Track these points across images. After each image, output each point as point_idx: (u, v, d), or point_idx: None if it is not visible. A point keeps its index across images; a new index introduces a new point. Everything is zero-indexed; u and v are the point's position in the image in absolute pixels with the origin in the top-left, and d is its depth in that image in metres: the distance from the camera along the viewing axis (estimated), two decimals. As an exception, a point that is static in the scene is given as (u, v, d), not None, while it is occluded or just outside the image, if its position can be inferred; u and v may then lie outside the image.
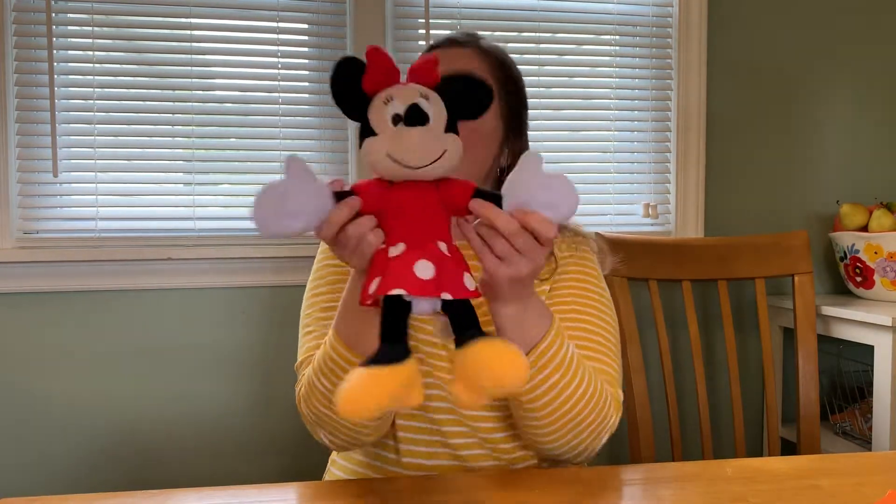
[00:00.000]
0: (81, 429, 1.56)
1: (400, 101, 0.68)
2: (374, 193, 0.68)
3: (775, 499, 0.77)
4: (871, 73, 1.86)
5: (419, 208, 0.68)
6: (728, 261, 1.54)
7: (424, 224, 0.68)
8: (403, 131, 0.66)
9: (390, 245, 0.68)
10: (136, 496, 0.78)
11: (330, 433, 0.87)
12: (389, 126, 0.67)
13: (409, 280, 0.64)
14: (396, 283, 0.64)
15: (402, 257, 0.66)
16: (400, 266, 0.65)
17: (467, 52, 1.00)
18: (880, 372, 1.48)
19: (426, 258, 0.66)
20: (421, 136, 0.67)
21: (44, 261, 1.51)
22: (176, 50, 1.57)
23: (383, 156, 0.66)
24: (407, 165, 0.66)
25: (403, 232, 0.68)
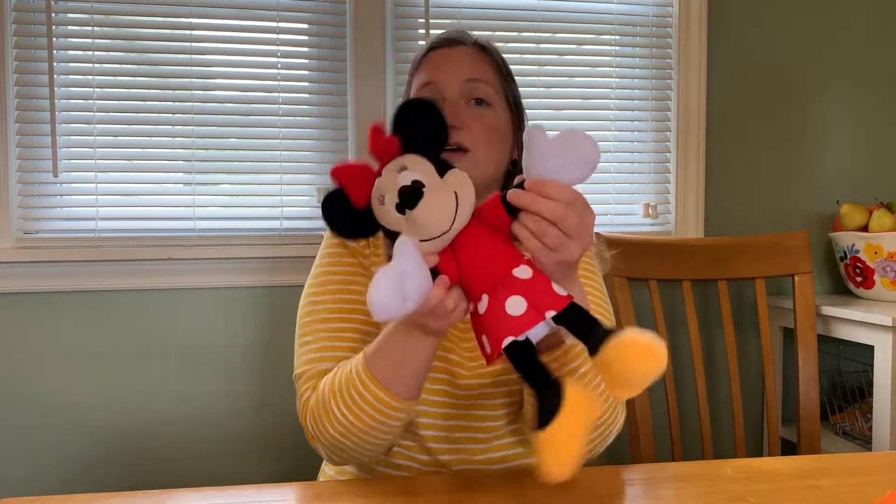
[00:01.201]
0: (82, 429, 1.56)
1: (389, 192, 0.68)
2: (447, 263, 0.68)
3: (775, 499, 0.77)
4: (871, 73, 1.86)
5: (475, 251, 0.68)
6: (728, 261, 1.54)
7: (489, 264, 0.68)
8: (411, 216, 0.67)
9: (474, 301, 0.69)
10: (136, 496, 0.78)
11: (333, 453, 0.86)
12: (400, 218, 0.67)
13: (510, 325, 0.65)
14: (503, 334, 0.65)
15: (490, 308, 0.66)
16: (495, 317, 0.66)
17: (466, 50, 1.00)
18: (880, 372, 1.48)
19: (512, 294, 0.66)
20: (427, 209, 0.67)
21: (44, 261, 1.51)
22: (176, 50, 1.57)
23: (418, 242, 0.67)
24: (437, 237, 0.67)
25: (479, 284, 0.68)
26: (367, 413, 0.80)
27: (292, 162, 1.62)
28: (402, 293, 0.64)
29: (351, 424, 0.81)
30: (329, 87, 1.63)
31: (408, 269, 0.65)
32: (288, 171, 1.62)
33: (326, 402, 0.83)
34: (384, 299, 0.64)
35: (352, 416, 0.81)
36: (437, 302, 0.67)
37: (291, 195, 1.62)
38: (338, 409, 0.81)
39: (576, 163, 0.67)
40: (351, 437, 0.82)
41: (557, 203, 0.67)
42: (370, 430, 0.81)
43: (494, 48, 1.03)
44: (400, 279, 0.64)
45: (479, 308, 0.67)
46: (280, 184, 1.62)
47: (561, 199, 0.67)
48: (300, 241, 1.61)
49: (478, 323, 0.68)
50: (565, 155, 0.66)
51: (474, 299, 0.69)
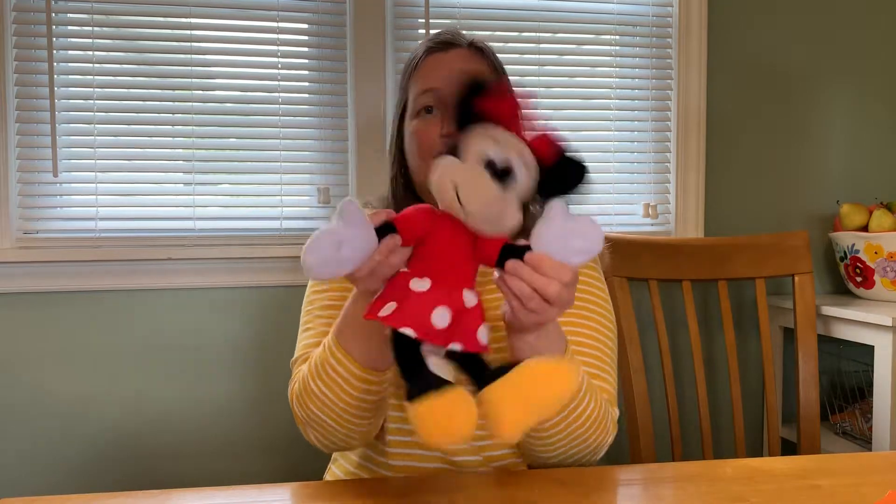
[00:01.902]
0: (81, 429, 1.56)
1: (502, 149, 0.66)
2: (417, 222, 0.67)
3: (775, 499, 0.77)
4: (871, 73, 1.86)
5: (456, 249, 0.68)
6: (728, 261, 1.54)
7: (456, 267, 0.68)
8: (483, 177, 0.65)
9: (415, 274, 0.67)
10: (136, 496, 0.78)
11: (321, 434, 0.87)
12: (475, 162, 0.66)
13: (422, 322, 0.64)
14: (409, 322, 0.64)
15: (423, 296, 0.65)
16: (419, 305, 0.65)
17: (462, 53, 1.00)
18: (880, 372, 1.48)
19: (447, 305, 0.65)
20: (493, 191, 0.66)
21: (44, 261, 1.51)
22: (176, 50, 1.57)
23: (449, 182, 0.66)
24: (464, 208, 0.66)
25: (433, 268, 0.67)
26: (342, 388, 0.81)
27: (292, 162, 1.62)
28: (339, 257, 0.64)
29: (329, 401, 0.82)
30: (329, 87, 1.63)
31: (347, 235, 0.64)
32: (288, 171, 1.62)
33: (307, 381, 0.84)
34: (317, 260, 0.64)
35: (325, 388, 0.82)
36: (376, 264, 0.67)
37: (291, 195, 1.62)
38: (316, 387, 0.82)
39: (580, 251, 0.68)
40: (331, 413, 0.83)
41: (552, 280, 0.68)
42: (347, 406, 0.82)
43: (489, 48, 1.03)
44: (336, 245, 0.63)
45: (414, 283, 0.66)
46: (280, 184, 1.62)
47: (555, 279, 0.68)
48: (300, 241, 1.59)
49: (398, 286, 0.67)
50: (574, 240, 0.68)
51: (416, 271, 0.67)
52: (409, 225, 0.67)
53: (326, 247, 0.63)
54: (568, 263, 0.68)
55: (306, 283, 1.04)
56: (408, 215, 0.68)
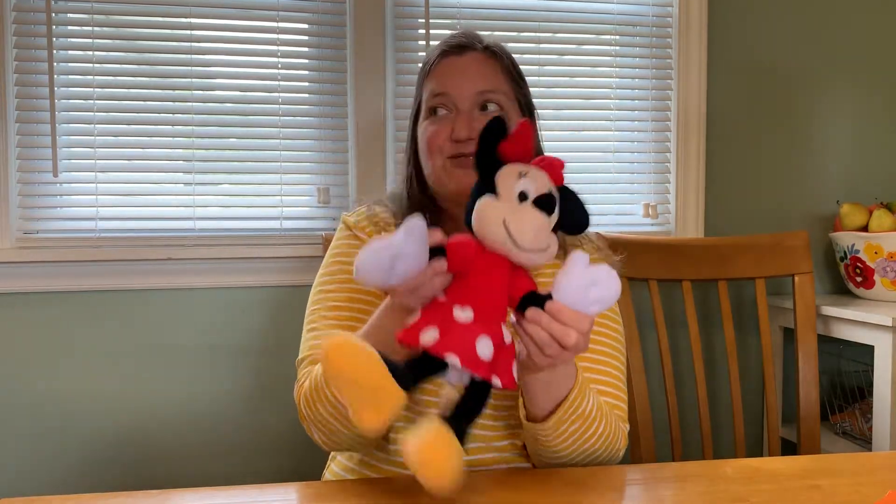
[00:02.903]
0: (81, 429, 1.56)
1: (533, 182, 0.69)
2: (464, 253, 0.69)
3: (775, 499, 0.77)
4: (871, 73, 1.86)
5: (497, 285, 0.70)
6: (728, 261, 1.54)
7: (497, 302, 0.70)
8: (529, 210, 0.68)
9: (457, 303, 0.68)
10: (135, 496, 0.78)
11: (326, 436, 0.87)
12: (514, 198, 0.68)
13: (467, 351, 0.65)
14: (454, 349, 0.65)
15: (468, 326, 0.67)
16: (464, 333, 0.66)
17: (476, 57, 1.00)
18: (880, 372, 1.48)
19: (490, 336, 0.67)
20: (541, 223, 0.68)
21: (44, 261, 1.51)
22: (176, 50, 1.57)
23: (499, 221, 0.68)
24: (515, 243, 0.68)
25: (476, 299, 0.68)
26: None
27: (292, 162, 1.62)
28: (391, 270, 0.65)
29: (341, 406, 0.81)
30: (329, 87, 1.63)
31: (405, 252, 0.65)
32: (288, 171, 1.62)
33: (319, 385, 0.84)
34: (371, 268, 0.65)
35: None
36: (420, 284, 0.68)
37: (291, 195, 1.62)
38: (329, 391, 0.82)
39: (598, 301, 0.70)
40: (342, 418, 0.83)
41: (570, 330, 0.69)
42: None
43: (505, 51, 1.03)
44: (393, 258, 0.65)
45: (457, 312, 0.67)
46: (280, 184, 1.62)
47: (574, 328, 0.69)
48: (300, 241, 1.61)
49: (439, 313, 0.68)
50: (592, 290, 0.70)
51: (458, 299, 0.69)
52: (459, 252, 0.69)
53: (384, 259, 0.65)
54: (586, 313, 0.70)
55: (307, 283, 1.04)
56: (459, 243, 0.70)
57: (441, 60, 1.00)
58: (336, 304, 0.95)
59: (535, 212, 0.68)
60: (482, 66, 0.99)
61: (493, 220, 0.68)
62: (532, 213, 0.68)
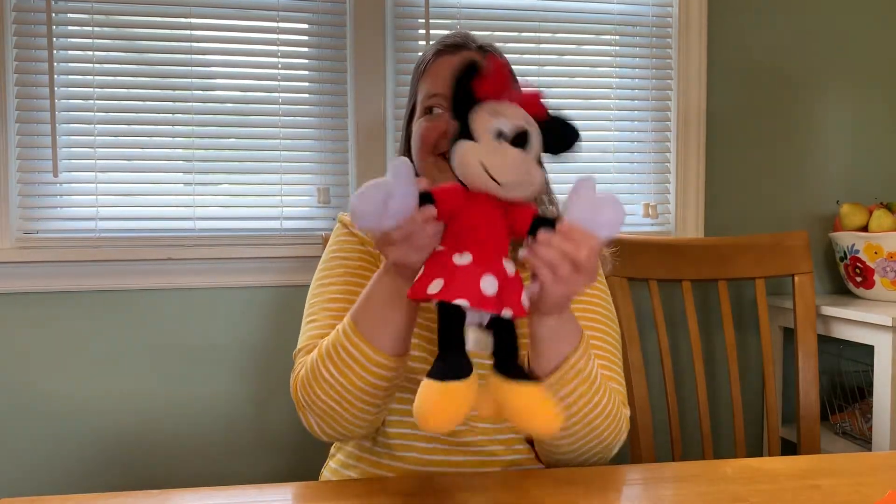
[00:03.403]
0: (81, 429, 1.56)
1: (508, 119, 0.70)
2: (451, 198, 0.71)
3: (775, 499, 0.77)
4: (871, 73, 1.86)
5: (490, 223, 0.71)
6: (728, 261, 1.54)
7: (493, 239, 0.71)
8: (505, 148, 0.69)
9: (455, 251, 0.70)
10: (136, 496, 0.78)
11: (323, 421, 0.86)
12: (491, 138, 0.69)
13: (473, 292, 0.67)
14: (461, 293, 0.67)
15: (469, 268, 0.68)
16: (466, 276, 0.68)
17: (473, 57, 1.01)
18: (880, 372, 1.48)
19: (492, 274, 0.68)
20: (519, 158, 0.69)
21: (44, 261, 1.51)
22: (176, 50, 1.57)
23: (476, 163, 0.69)
24: (496, 179, 0.69)
25: (472, 243, 0.70)
26: (354, 372, 0.81)
27: (292, 162, 1.62)
28: (384, 210, 0.66)
29: (339, 385, 0.82)
30: (329, 87, 1.63)
31: (396, 190, 0.66)
32: (288, 171, 1.62)
33: (316, 366, 0.84)
34: (365, 209, 0.66)
35: (340, 375, 0.82)
36: (416, 226, 0.69)
37: (291, 195, 1.62)
38: (326, 371, 0.83)
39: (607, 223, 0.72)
40: (340, 399, 0.83)
41: (581, 246, 0.70)
42: (358, 391, 0.82)
43: (499, 52, 1.05)
44: (386, 196, 0.66)
45: (456, 258, 0.69)
46: (280, 184, 1.62)
47: (584, 244, 0.71)
48: (300, 241, 1.61)
49: (441, 264, 0.69)
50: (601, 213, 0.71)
51: (455, 247, 0.70)
52: (446, 198, 0.70)
53: (376, 197, 0.66)
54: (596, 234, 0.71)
55: (307, 283, 1.04)
56: (445, 189, 0.71)
57: (436, 60, 1.01)
58: (335, 296, 0.95)
59: (510, 148, 0.69)
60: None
61: (472, 162, 0.69)
62: (508, 150, 0.69)
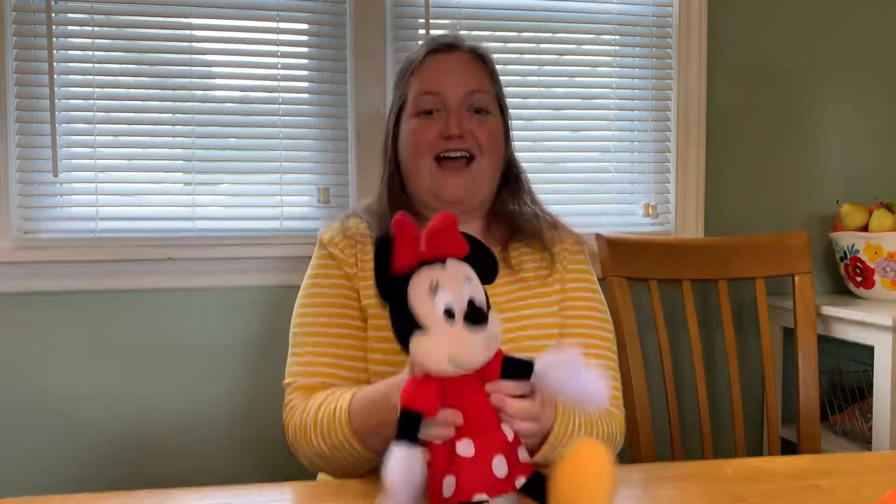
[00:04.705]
0: (81, 429, 1.55)
1: (450, 291, 0.63)
2: (432, 399, 0.65)
3: (775, 499, 0.77)
4: (871, 73, 1.86)
5: (474, 399, 0.67)
6: (728, 261, 1.54)
7: (483, 413, 0.67)
8: (467, 336, 0.63)
9: (455, 439, 0.65)
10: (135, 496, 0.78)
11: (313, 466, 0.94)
12: (443, 323, 0.63)
13: (488, 482, 0.64)
14: (477, 487, 0.63)
15: (476, 457, 0.64)
16: (476, 466, 0.64)
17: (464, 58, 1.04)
18: (880, 372, 1.48)
19: (500, 453, 0.65)
20: (482, 340, 0.64)
21: (44, 261, 1.51)
22: (176, 50, 1.57)
23: (443, 359, 0.63)
24: (471, 370, 0.65)
25: (467, 428, 0.66)
26: (341, 452, 0.86)
27: (292, 162, 1.62)
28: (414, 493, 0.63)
29: (325, 454, 0.87)
30: (329, 87, 1.63)
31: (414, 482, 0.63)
32: (288, 171, 1.62)
33: (307, 427, 0.88)
34: None
35: (327, 449, 0.87)
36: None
37: (291, 195, 1.62)
38: (315, 439, 0.87)
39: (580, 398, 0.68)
40: (324, 463, 0.89)
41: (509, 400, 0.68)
42: (342, 463, 0.88)
43: (489, 56, 1.06)
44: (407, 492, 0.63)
45: (460, 449, 0.65)
46: (280, 184, 1.62)
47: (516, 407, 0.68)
48: (300, 241, 1.60)
49: (446, 461, 0.65)
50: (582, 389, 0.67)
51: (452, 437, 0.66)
52: (428, 401, 0.65)
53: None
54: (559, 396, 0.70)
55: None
56: (418, 392, 0.66)
57: (429, 59, 1.02)
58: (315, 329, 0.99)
59: (471, 333, 0.63)
60: (471, 66, 1.02)
61: (438, 360, 0.63)
62: (468, 336, 0.63)
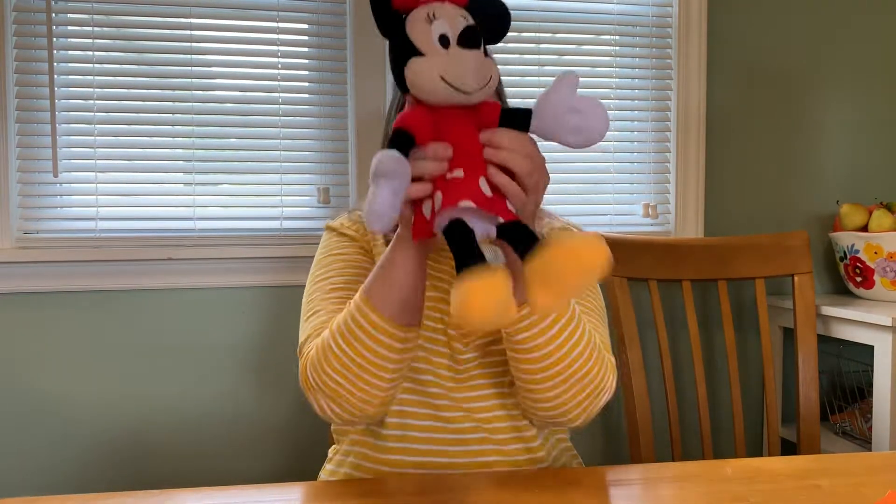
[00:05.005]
0: (81, 429, 1.56)
1: (446, 21, 0.65)
2: (425, 127, 0.67)
3: (775, 499, 0.77)
4: (871, 73, 1.86)
5: (467, 134, 0.68)
6: (728, 261, 1.54)
7: (474, 151, 0.68)
8: (460, 54, 0.65)
9: (447, 171, 0.67)
10: (136, 496, 0.78)
11: (333, 402, 0.84)
12: (438, 47, 0.65)
13: (476, 194, 0.65)
14: (464, 195, 0.64)
15: (464, 179, 0.66)
16: (463, 184, 0.65)
17: None
18: (880, 372, 1.48)
19: (485, 178, 0.66)
20: (476, 60, 0.65)
21: (44, 261, 1.51)
22: (176, 50, 1.57)
23: (436, 78, 0.65)
24: (462, 90, 0.65)
25: (458, 158, 0.67)
26: (367, 346, 0.80)
27: (292, 162, 1.62)
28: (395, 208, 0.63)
29: (349, 359, 0.81)
30: (329, 87, 1.63)
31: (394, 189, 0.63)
32: (288, 171, 1.62)
33: (326, 343, 0.84)
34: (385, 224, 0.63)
35: (349, 348, 0.81)
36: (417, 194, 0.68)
37: (291, 195, 1.62)
38: (336, 346, 0.82)
39: (575, 129, 0.68)
40: (351, 375, 0.82)
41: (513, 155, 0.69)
42: (371, 365, 0.81)
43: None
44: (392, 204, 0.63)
45: (448, 175, 0.66)
46: (280, 184, 1.62)
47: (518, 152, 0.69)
48: (300, 241, 1.61)
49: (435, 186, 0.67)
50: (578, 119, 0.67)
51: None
52: (421, 128, 0.67)
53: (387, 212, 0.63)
54: (563, 139, 0.69)
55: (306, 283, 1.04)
56: (410, 118, 0.67)
57: None
58: (334, 286, 0.95)
59: (464, 53, 0.65)
60: None
61: (429, 79, 0.65)
62: (462, 55, 0.65)
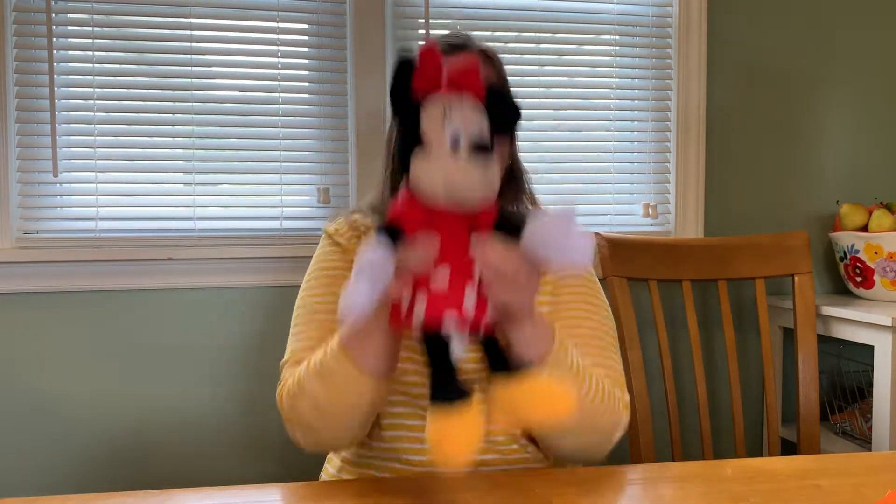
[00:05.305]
0: (82, 429, 1.56)
1: (460, 121, 0.64)
2: (417, 220, 0.67)
3: (775, 499, 0.77)
4: (871, 74, 1.86)
5: (459, 237, 0.67)
6: (728, 261, 1.54)
7: (463, 252, 0.67)
8: (467, 168, 0.64)
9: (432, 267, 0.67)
10: (135, 496, 0.78)
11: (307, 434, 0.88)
12: (448, 150, 0.64)
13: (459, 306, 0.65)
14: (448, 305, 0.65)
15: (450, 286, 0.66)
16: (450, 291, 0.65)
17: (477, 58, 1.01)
18: (880, 372, 1.48)
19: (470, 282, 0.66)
20: (482, 175, 0.64)
21: (44, 261, 1.51)
22: (176, 50, 1.57)
23: (440, 185, 0.64)
24: (463, 203, 0.65)
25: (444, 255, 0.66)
26: (339, 389, 0.81)
27: (292, 162, 1.62)
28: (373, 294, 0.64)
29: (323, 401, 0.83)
30: (329, 87, 1.63)
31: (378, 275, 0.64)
32: (288, 171, 1.62)
33: (302, 381, 0.85)
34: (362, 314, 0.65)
35: (323, 392, 0.83)
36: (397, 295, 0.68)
37: (291, 195, 1.62)
38: (311, 387, 0.83)
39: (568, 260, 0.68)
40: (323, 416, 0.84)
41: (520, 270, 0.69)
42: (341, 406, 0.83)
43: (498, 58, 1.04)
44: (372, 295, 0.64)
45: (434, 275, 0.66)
46: (280, 184, 1.62)
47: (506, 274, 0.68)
48: (300, 241, 1.61)
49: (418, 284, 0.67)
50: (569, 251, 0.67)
51: None
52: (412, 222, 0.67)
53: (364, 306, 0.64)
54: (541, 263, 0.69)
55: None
56: (404, 211, 0.68)
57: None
58: (318, 307, 0.98)
59: (471, 165, 0.64)
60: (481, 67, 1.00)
61: (432, 184, 0.64)
62: (469, 169, 0.64)
